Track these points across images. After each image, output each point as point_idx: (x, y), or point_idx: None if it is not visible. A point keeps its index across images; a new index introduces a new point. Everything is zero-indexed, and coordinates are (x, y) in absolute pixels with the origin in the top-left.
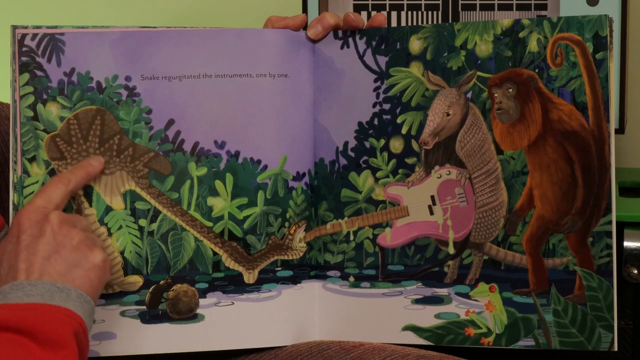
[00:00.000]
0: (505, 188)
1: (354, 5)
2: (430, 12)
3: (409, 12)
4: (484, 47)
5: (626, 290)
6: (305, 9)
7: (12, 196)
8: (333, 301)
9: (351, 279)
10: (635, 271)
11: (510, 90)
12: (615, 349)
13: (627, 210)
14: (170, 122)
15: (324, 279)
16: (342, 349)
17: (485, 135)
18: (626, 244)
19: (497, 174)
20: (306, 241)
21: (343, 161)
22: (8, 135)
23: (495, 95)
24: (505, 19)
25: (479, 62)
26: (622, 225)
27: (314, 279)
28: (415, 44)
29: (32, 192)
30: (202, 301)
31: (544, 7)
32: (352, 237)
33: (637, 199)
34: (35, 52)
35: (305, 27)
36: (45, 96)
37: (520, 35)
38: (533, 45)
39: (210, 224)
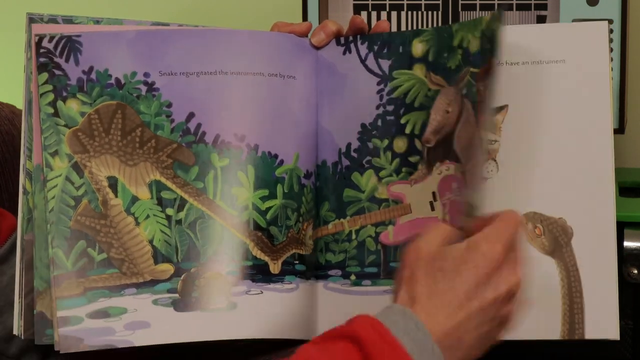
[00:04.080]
0: None
1: (354, 5)
2: (430, 12)
3: (409, 12)
4: (474, 44)
5: (626, 290)
6: (305, 9)
7: (24, 181)
8: (334, 300)
9: (352, 277)
10: (635, 271)
11: None
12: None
13: (627, 210)
14: (191, 115)
15: (326, 278)
16: None
17: (475, 129)
18: (626, 244)
19: None
20: (312, 239)
21: (345, 162)
22: (8, 135)
23: (481, 89)
24: (486, 14)
25: (471, 58)
26: (622, 225)
27: (316, 278)
28: (418, 47)
29: (56, 185)
30: (233, 289)
31: (544, 7)
32: (354, 236)
33: (637, 199)
34: (53, 52)
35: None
36: (65, 94)
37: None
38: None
39: (235, 212)
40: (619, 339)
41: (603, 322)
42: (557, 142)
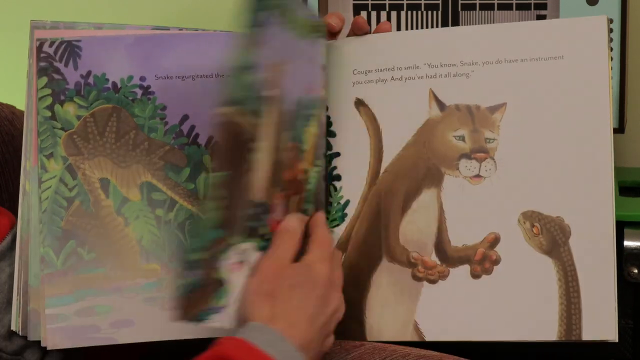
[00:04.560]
0: None
1: (354, 5)
2: (429, 12)
3: (409, 12)
4: None
5: (626, 290)
6: None
7: (24, 183)
8: None
9: None
10: (636, 270)
11: None
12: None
13: (627, 210)
14: (185, 118)
15: None
16: (342, 349)
17: None
18: (626, 243)
19: None
20: None
21: None
22: (8, 136)
23: None
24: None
25: None
26: (622, 225)
27: None
28: None
29: (50, 187)
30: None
31: (543, 6)
32: None
33: (637, 198)
34: (53, 57)
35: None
36: (62, 97)
37: None
38: None
39: None
40: (617, 340)
41: (601, 323)
42: (556, 140)
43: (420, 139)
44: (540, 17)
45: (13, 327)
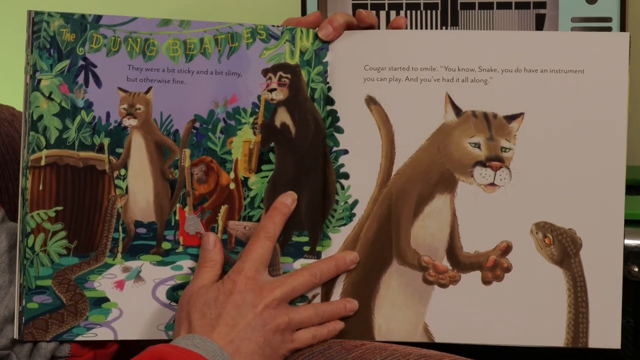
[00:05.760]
0: None
1: (353, 5)
2: (429, 12)
3: (408, 12)
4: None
5: (627, 288)
6: (304, 9)
7: (21, 181)
8: None
9: None
10: (636, 269)
11: None
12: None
13: (627, 208)
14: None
15: None
16: (343, 349)
17: None
18: (627, 241)
19: None
20: None
21: None
22: (8, 137)
23: None
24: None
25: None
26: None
27: None
28: None
29: None
30: None
31: (543, 5)
32: None
33: (637, 196)
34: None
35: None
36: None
37: None
38: None
39: None
40: (619, 347)
41: (607, 332)
42: (572, 153)
43: (434, 143)
44: (540, 16)
45: (15, 336)
